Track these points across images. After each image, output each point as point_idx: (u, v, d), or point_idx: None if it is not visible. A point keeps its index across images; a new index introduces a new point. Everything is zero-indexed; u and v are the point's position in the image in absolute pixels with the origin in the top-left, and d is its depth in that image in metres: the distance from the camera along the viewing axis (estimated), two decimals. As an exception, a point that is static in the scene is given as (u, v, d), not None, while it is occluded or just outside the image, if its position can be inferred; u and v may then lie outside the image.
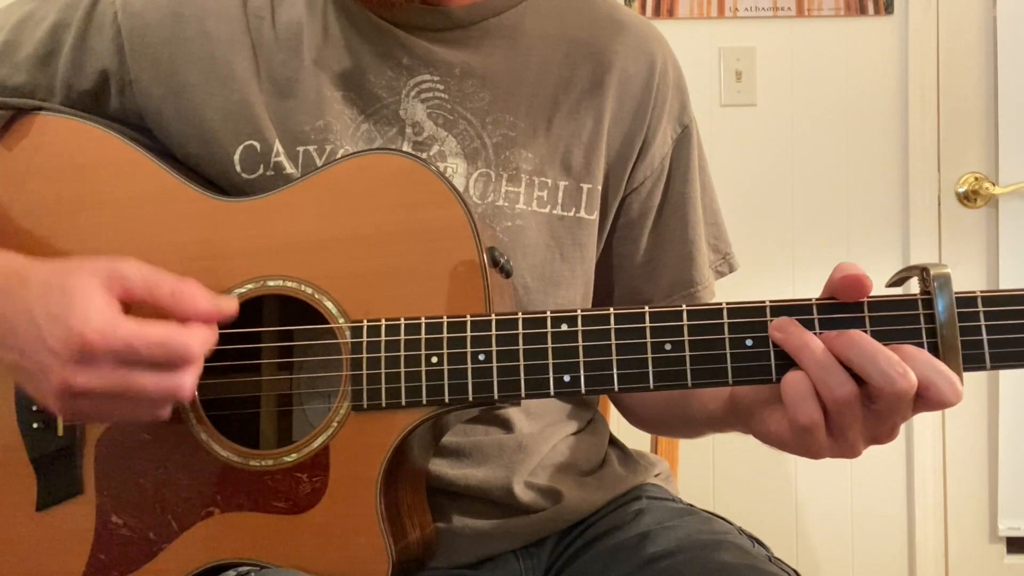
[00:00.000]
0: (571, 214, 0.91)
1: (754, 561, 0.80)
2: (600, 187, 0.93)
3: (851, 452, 0.68)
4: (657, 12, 2.23)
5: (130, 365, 0.67)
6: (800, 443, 0.69)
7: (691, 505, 0.95)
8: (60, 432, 0.78)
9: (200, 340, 0.69)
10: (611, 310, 0.71)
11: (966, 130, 2.25)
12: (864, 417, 0.67)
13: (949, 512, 2.26)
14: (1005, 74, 2.21)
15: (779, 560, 0.84)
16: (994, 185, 2.23)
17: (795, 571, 0.83)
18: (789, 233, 2.25)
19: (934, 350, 0.66)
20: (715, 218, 1.02)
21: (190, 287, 0.70)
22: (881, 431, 0.68)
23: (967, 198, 2.25)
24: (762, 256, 2.21)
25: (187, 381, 0.69)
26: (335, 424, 0.74)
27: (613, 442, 1.01)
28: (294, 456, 0.75)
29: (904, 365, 0.64)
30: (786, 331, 0.68)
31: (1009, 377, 2.22)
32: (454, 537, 0.86)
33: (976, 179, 2.24)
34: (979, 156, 2.25)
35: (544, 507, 0.89)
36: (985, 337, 0.66)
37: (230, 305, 0.72)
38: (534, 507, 0.89)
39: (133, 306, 0.69)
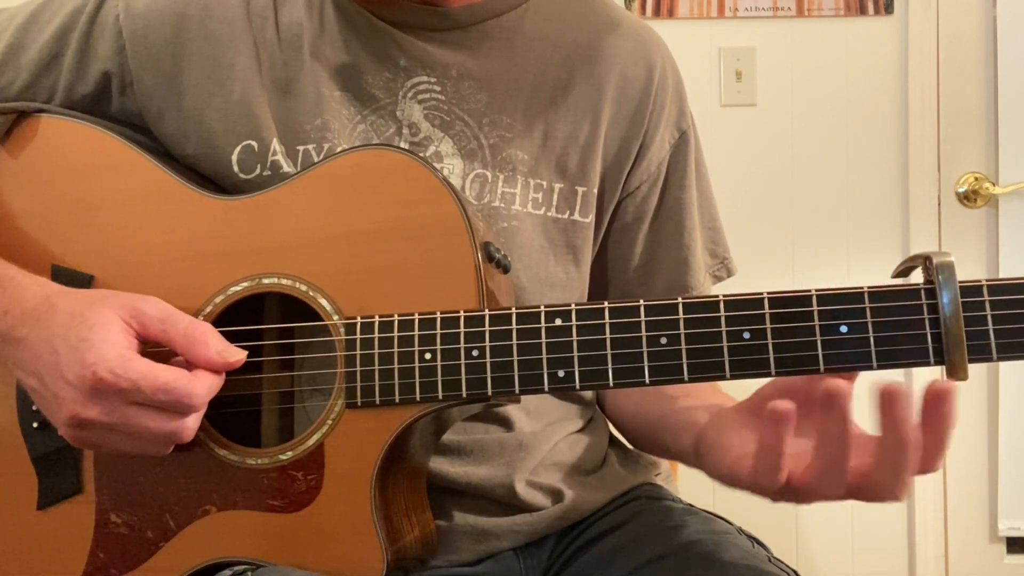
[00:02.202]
0: (566, 216, 0.91)
1: (754, 561, 0.80)
2: (596, 190, 0.93)
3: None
4: (657, 12, 2.23)
5: (136, 404, 0.69)
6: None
7: (691, 505, 0.94)
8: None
9: (205, 388, 0.71)
10: (606, 304, 0.70)
11: (966, 130, 2.25)
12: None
13: (949, 512, 2.26)
14: (1005, 74, 2.21)
15: (779, 560, 0.83)
16: (994, 185, 2.23)
17: (795, 571, 0.83)
18: (789, 233, 2.25)
19: (938, 341, 0.64)
20: (713, 223, 1.02)
21: (203, 332, 0.72)
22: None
23: (967, 198, 2.24)
24: (762, 256, 2.20)
25: (188, 425, 0.71)
26: (330, 422, 0.74)
27: (613, 442, 1.01)
28: (289, 454, 0.75)
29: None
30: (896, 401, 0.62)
31: (1009, 376, 2.21)
32: (455, 535, 0.86)
33: (976, 179, 2.23)
34: (979, 156, 2.25)
35: (545, 506, 0.89)
36: (991, 327, 0.63)
37: (238, 356, 0.73)
38: (535, 506, 0.89)
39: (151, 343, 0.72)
